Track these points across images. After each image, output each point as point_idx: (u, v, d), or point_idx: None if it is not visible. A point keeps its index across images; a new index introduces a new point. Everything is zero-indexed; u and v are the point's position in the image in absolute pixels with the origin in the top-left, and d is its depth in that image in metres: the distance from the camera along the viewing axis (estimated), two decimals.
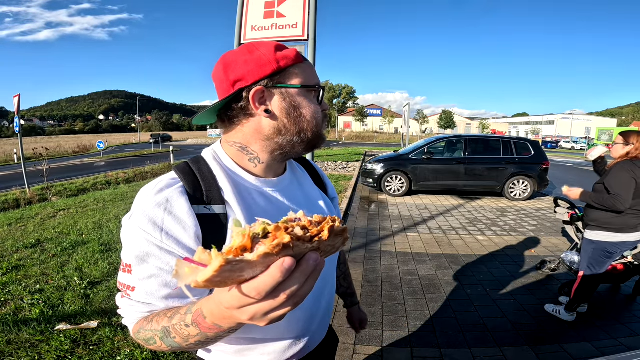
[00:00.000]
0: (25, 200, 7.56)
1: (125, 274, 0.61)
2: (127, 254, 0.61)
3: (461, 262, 3.93)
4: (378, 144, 36.76)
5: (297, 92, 0.69)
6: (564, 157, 26.37)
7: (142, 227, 0.59)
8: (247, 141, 0.71)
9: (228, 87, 0.67)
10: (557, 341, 2.44)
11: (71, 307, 2.67)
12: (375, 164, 7.90)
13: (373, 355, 2.28)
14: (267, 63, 0.65)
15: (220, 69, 0.68)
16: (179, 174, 0.66)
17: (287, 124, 0.69)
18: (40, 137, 78.71)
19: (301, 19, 3.09)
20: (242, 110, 0.68)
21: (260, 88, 0.65)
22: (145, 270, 0.59)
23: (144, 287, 0.60)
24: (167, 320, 0.56)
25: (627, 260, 2.96)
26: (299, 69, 0.69)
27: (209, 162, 0.70)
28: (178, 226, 0.59)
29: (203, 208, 0.63)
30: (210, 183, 0.66)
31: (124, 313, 0.65)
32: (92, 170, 15.55)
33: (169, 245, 0.59)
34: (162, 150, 26.85)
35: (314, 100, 0.71)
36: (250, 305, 0.39)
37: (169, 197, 0.61)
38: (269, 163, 0.73)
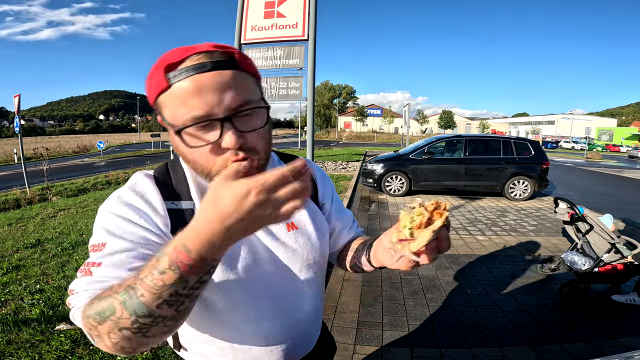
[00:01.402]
0: (25, 200, 7.57)
1: (94, 253, 0.56)
2: (99, 235, 0.58)
3: (461, 262, 3.93)
4: (378, 144, 36.77)
5: (171, 128, 0.55)
6: (564, 157, 26.37)
7: (117, 208, 0.60)
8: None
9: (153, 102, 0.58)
10: (557, 341, 2.44)
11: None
12: (375, 164, 7.90)
13: (373, 355, 2.28)
14: (150, 92, 0.56)
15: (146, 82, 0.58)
16: (155, 171, 0.69)
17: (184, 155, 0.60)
18: (41, 137, 78.72)
19: (301, 19, 3.10)
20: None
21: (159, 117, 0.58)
22: (121, 244, 0.56)
23: (113, 259, 0.54)
24: (132, 279, 0.45)
25: (627, 260, 2.96)
26: (167, 98, 0.53)
27: (183, 164, 0.70)
28: (152, 211, 0.61)
29: (171, 203, 0.64)
30: (180, 182, 0.68)
31: (76, 298, 0.53)
32: (92, 170, 15.55)
33: (144, 224, 0.59)
34: (162, 150, 26.84)
35: (197, 138, 0.53)
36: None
37: (142, 185, 0.64)
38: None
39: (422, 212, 0.51)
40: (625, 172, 16.32)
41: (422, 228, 0.51)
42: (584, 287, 3.06)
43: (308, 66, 10.84)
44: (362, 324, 2.62)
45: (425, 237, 0.50)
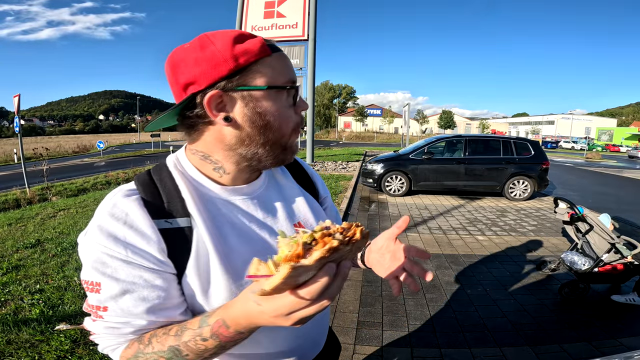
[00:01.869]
0: (25, 200, 7.57)
1: (93, 294, 0.54)
2: (91, 272, 0.54)
3: (461, 262, 3.93)
4: (378, 144, 36.77)
5: (263, 95, 0.57)
6: (564, 157, 26.38)
7: (103, 243, 0.53)
8: (209, 150, 0.62)
9: (179, 91, 0.57)
10: (557, 341, 2.44)
11: (71, 307, 2.67)
12: (375, 164, 7.90)
13: (373, 355, 2.28)
14: (223, 61, 0.54)
15: (169, 70, 0.58)
16: (138, 185, 0.59)
17: (252, 133, 0.59)
18: (40, 137, 78.71)
19: (301, 19, 3.10)
20: (199, 117, 0.58)
21: (217, 92, 0.55)
22: (118, 286, 0.53)
23: (118, 305, 0.54)
24: (173, 339, 0.52)
25: (627, 260, 2.96)
26: (264, 65, 0.57)
27: (172, 170, 0.62)
28: (142, 240, 0.54)
29: (164, 222, 0.56)
30: (171, 194, 0.59)
31: (100, 339, 0.58)
32: (92, 170, 15.55)
33: (136, 260, 0.53)
34: (162, 150, 26.85)
35: (285, 103, 0.60)
36: (300, 309, 0.42)
37: (127, 210, 0.55)
38: (235, 174, 0.64)
39: (297, 241, 0.40)
40: (625, 172, 16.32)
41: (292, 260, 0.38)
42: (584, 287, 3.06)
43: (308, 66, 10.84)
44: (362, 324, 2.62)
45: (279, 276, 0.37)
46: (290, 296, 0.41)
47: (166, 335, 0.54)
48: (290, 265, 0.37)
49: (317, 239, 0.40)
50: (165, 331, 0.55)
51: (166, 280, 0.55)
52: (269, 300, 0.42)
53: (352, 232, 0.43)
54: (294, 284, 0.40)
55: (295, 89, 0.60)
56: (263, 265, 0.40)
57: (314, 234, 0.41)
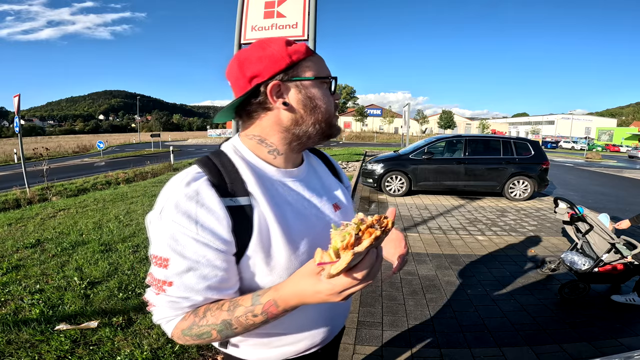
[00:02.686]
0: (25, 200, 7.56)
1: (160, 268, 0.62)
2: (161, 248, 0.62)
3: (461, 262, 3.93)
4: (378, 144, 36.76)
5: (311, 84, 0.71)
6: (564, 157, 26.37)
7: (177, 220, 0.60)
8: (266, 134, 0.73)
9: (245, 83, 0.69)
10: (557, 341, 2.44)
11: (71, 307, 2.66)
12: (375, 164, 7.90)
13: (373, 355, 2.28)
14: (281, 58, 0.68)
15: (235, 66, 0.70)
16: (203, 168, 0.68)
17: (304, 114, 0.71)
18: (40, 137, 78.69)
19: (301, 19, 3.09)
20: (260, 104, 0.70)
21: (276, 82, 0.68)
22: (183, 263, 0.61)
23: (182, 281, 0.61)
24: (226, 314, 0.61)
25: (627, 260, 2.96)
26: (310, 61, 0.72)
27: (230, 155, 0.72)
28: (212, 217, 0.62)
29: (229, 200, 0.64)
30: (233, 176, 0.68)
31: (159, 310, 0.65)
32: (92, 170, 15.55)
33: (205, 238, 0.61)
34: (162, 150, 26.84)
35: (326, 91, 0.74)
36: (351, 287, 0.52)
37: (199, 189, 0.63)
38: (287, 154, 0.76)
39: (350, 232, 0.48)
40: (625, 172, 16.32)
41: (349, 248, 0.47)
42: (584, 287, 3.06)
43: None
44: (362, 324, 2.62)
45: (344, 261, 0.46)
46: (344, 277, 0.50)
47: (219, 310, 0.62)
48: (352, 252, 0.46)
49: (362, 229, 0.49)
50: (218, 306, 0.63)
51: (226, 261, 0.64)
52: (326, 282, 0.52)
53: (385, 223, 0.52)
54: (349, 267, 0.49)
55: (334, 79, 0.75)
56: (325, 253, 0.49)
57: (359, 226, 0.50)
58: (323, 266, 0.50)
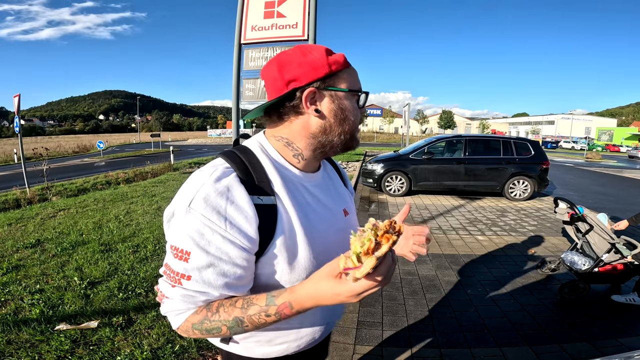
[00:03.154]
0: (25, 200, 7.56)
1: (180, 261, 0.62)
2: (184, 240, 0.62)
3: (461, 262, 3.93)
4: (378, 144, 36.75)
5: (345, 96, 0.72)
6: (564, 157, 26.37)
7: (206, 214, 0.60)
8: (294, 137, 0.74)
9: (282, 85, 0.69)
10: (557, 341, 2.44)
11: (71, 307, 2.66)
12: (375, 164, 7.90)
13: (373, 355, 2.28)
14: (321, 66, 0.69)
15: (275, 68, 0.71)
16: (231, 163, 0.68)
17: (333, 124, 0.72)
18: (40, 137, 78.69)
19: (301, 19, 3.09)
20: (293, 108, 0.71)
21: (313, 89, 0.69)
22: (205, 259, 0.61)
23: (202, 276, 0.61)
24: (239, 311, 0.62)
25: (627, 260, 2.96)
26: (346, 73, 0.73)
27: (257, 153, 0.73)
28: (240, 215, 0.62)
29: (257, 198, 0.65)
30: (260, 174, 0.69)
31: (171, 303, 0.65)
32: (92, 170, 15.55)
33: (232, 235, 0.62)
34: (162, 150, 26.84)
35: (356, 104, 0.75)
36: (370, 289, 0.54)
37: (229, 185, 0.63)
38: (310, 160, 0.77)
39: (370, 238, 0.51)
40: (625, 172, 16.32)
41: (370, 253, 0.51)
42: (584, 287, 3.06)
43: None
44: (362, 324, 2.62)
45: (369, 265, 0.50)
46: (365, 280, 0.52)
47: (232, 307, 0.63)
48: (375, 256, 0.50)
49: (379, 235, 0.52)
50: (232, 302, 0.64)
51: (247, 260, 0.64)
52: (346, 285, 0.54)
53: (398, 228, 0.55)
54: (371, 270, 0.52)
55: (365, 94, 0.76)
56: (348, 259, 0.52)
57: (377, 232, 0.53)
58: (348, 271, 0.53)
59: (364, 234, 0.53)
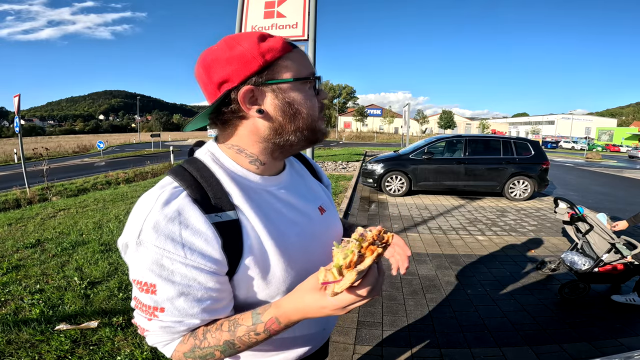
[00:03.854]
0: (25, 200, 7.57)
1: (148, 294, 0.56)
2: (144, 274, 0.56)
3: (461, 262, 3.93)
4: (378, 144, 36.75)
5: (290, 87, 0.62)
6: (564, 157, 26.37)
7: (160, 245, 0.54)
8: (244, 144, 0.66)
9: (213, 90, 0.62)
10: (557, 341, 2.44)
11: (71, 307, 2.66)
12: (375, 164, 7.90)
13: (373, 355, 2.28)
14: (252, 59, 0.59)
15: (202, 70, 0.62)
16: (180, 181, 0.60)
17: (284, 122, 0.63)
18: (40, 137, 78.68)
19: (301, 19, 3.10)
20: (234, 112, 0.62)
21: (249, 88, 0.60)
22: (173, 289, 0.55)
23: (175, 306, 0.56)
24: (227, 335, 0.58)
25: (627, 260, 2.96)
26: (289, 60, 0.62)
27: (209, 164, 0.65)
28: (199, 239, 0.56)
29: (215, 216, 0.58)
30: (215, 188, 0.61)
31: (153, 336, 0.61)
32: (92, 170, 15.55)
33: (194, 261, 0.55)
34: (162, 150, 26.84)
35: (309, 92, 0.65)
36: (356, 302, 0.51)
37: (180, 209, 0.56)
38: (270, 163, 0.70)
39: (352, 250, 0.48)
40: (625, 172, 16.32)
41: (352, 267, 0.47)
42: (584, 287, 3.06)
43: None
44: (362, 324, 2.62)
45: (348, 279, 0.47)
46: (348, 294, 0.50)
47: (219, 331, 0.59)
48: (356, 270, 0.47)
49: (364, 247, 0.50)
50: (217, 326, 0.60)
51: (219, 281, 0.59)
52: (331, 299, 0.51)
53: (385, 239, 0.52)
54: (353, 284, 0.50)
55: (317, 79, 0.66)
56: (329, 272, 0.50)
57: (361, 243, 0.50)
58: (327, 284, 0.50)
59: (348, 245, 0.50)
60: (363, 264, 0.48)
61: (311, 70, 0.66)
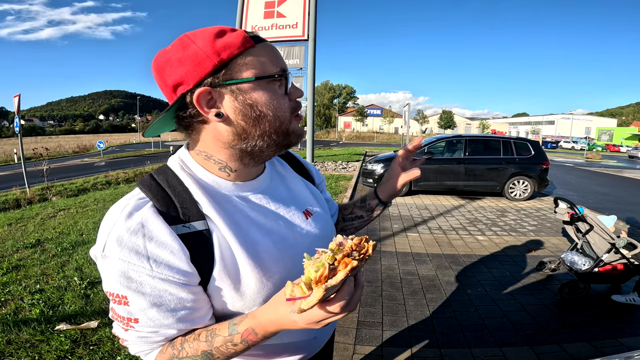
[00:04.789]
0: (25, 200, 7.57)
1: (121, 306, 0.55)
2: (115, 286, 0.53)
3: (461, 262, 3.93)
4: (378, 144, 36.76)
5: (251, 87, 0.57)
6: (564, 157, 26.38)
7: (124, 258, 0.52)
8: (210, 150, 0.62)
9: (170, 92, 0.58)
10: (557, 341, 2.44)
11: (71, 307, 2.67)
12: (375, 164, 7.90)
13: (373, 355, 2.28)
14: (206, 58, 0.54)
15: (156, 72, 0.58)
16: (146, 192, 0.58)
17: (246, 126, 0.58)
18: (40, 137, 78.72)
19: (301, 19, 3.09)
20: (193, 117, 0.58)
21: (205, 89, 0.55)
22: (145, 300, 0.54)
23: (148, 317, 0.55)
24: (205, 345, 0.56)
25: (627, 260, 2.96)
26: (250, 56, 0.57)
27: (178, 173, 0.62)
28: (165, 251, 0.53)
29: (182, 227, 0.56)
30: (183, 197, 0.58)
31: (132, 345, 0.60)
32: (92, 170, 15.56)
33: (161, 273, 0.53)
34: (162, 150, 26.84)
35: (278, 92, 0.60)
36: (329, 318, 0.47)
37: (143, 220, 0.53)
38: (242, 170, 0.65)
39: (323, 263, 0.44)
40: (625, 172, 16.32)
41: (322, 282, 0.43)
42: (584, 287, 3.06)
43: (308, 66, 10.83)
44: (362, 324, 2.62)
45: (315, 297, 0.43)
46: (319, 310, 0.46)
47: (197, 341, 0.57)
48: (324, 287, 0.43)
49: (337, 259, 0.45)
50: (195, 337, 0.58)
51: (192, 292, 0.57)
52: (303, 314, 0.47)
53: (365, 249, 0.48)
54: (324, 299, 0.46)
55: (285, 76, 0.60)
56: (297, 287, 0.46)
57: (334, 255, 0.46)
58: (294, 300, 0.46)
59: (321, 256, 0.46)
60: (335, 278, 0.44)
61: (279, 67, 0.60)
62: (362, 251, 0.48)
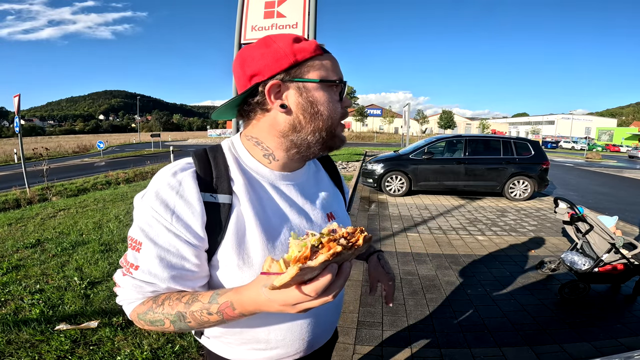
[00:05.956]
0: (25, 200, 7.56)
1: (133, 251, 0.62)
2: (136, 231, 0.62)
3: (461, 262, 3.93)
4: (378, 144, 36.75)
5: (315, 87, 0.66)
6: (564, 157, 26.37)
7: (154, 207, 0.60)
8: (263, 137, 0.70)
9: (245, 81, 0.66)
10: (557, 341, 2.44)
11: (71, 307, 2.67)
12: (375, 164, 7.90)
13: (373, 355, 2.28)
14: (284, 56, 0.64)
15: (238, 63, 0.68)
16: (195, 159, 0.67)
17: (303, 120, 0.66)
18: (40, 137, 78.70)
19: (301, 19, 3.09)
20: (259, 104, 0.67)
21: (276, 82, 0.64)
22: (154, 250, 0.61)
23: (148, 267, 0.61)
24: (183, 306, 0.60)
25: (627, 260, 2.96)
26: (319, 62, 0.66)
27: (225, 152, 0.71)
28: (188, 211, 0.61)
29: (209, 196, 0.63)
30: (221, 172, 0.67)
31: (123, 292, 0.65)
32: (92, 170, 15.55)
33: (177, 229, 0.60)
34: (162, 150, 26.83)
35: (334, 97, 0.69)
36: (305, 302, 0.48)
37: (182, 180, 0.62)
38: (285, 162, 0.72)
39: (306, 244, 0.44)
40: (625, 172, 16.32)
41: (301, 261, 0.43)
42: (584, 287, 3.06)
43: None
44: (362, 324, 2.62)
45: (288, 274, 0.42)
46: (297, 291, 0.47)
47: (178, 301, 0.61)
48: (298, 266, 0.42)
49: (323, 242, 0.45)
50: (178, 297, 0.62)
51: (196, 256, 0.63)
52: (278, 293, 0.48)
53: (355, 239, 0.48)
54: (301, 280, 0.45)
55: (343, 85, 0.69)
56: (275, 263, 0.45)
57: (321, 237, 0.45)
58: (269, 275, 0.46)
59: (308, 238, 0.46)
60: (315, 260, 0.43)
61: (339, 77, 0.69)
62: (351, 240, 0.47)
